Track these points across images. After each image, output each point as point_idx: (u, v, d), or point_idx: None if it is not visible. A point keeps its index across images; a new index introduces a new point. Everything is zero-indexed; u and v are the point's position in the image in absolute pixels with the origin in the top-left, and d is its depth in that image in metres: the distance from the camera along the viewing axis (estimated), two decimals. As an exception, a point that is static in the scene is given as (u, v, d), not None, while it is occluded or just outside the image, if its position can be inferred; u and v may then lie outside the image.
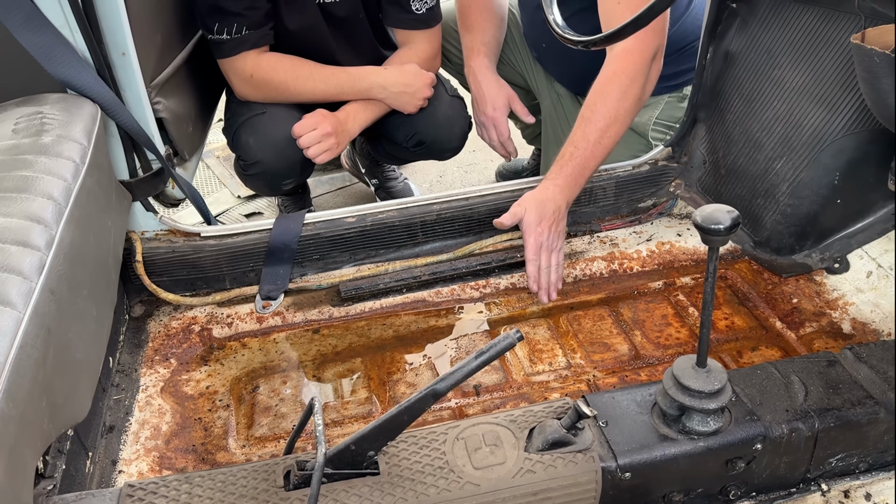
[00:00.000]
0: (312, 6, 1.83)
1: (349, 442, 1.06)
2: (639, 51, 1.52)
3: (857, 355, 1.22)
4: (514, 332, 1.03)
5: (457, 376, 1.05)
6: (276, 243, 1.69)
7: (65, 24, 1.39)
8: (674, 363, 1.10)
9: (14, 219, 1.08)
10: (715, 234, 0.95)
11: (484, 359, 1.04)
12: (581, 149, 1.54)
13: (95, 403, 1.34)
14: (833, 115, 1.49)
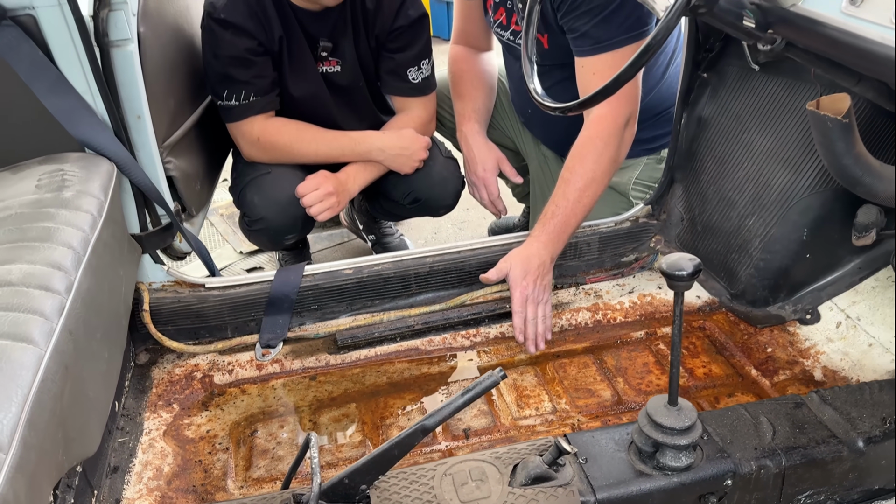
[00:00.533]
0: (316, 75, 1.96)
1: (343, 475, 1.13)
2: (612, 117, 1.65)
3: (822, 398, 1.30)
4: (497, 371, 1.11)
5: (444, 412, 1.12)
6: (276, 294, 1.78)
7: (87, 90, 1.52)
8: (647, 402, 1.18)
9: (37, 265, 1.17)
10: (678, 280, 1.05)
11: (470, 396, 1.12)
12: (562, 207, 1.65)
13: (101, 445, 1.41)
14: (798, 175, 1.61)
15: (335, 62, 1.97)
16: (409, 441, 1.12)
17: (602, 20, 1.61)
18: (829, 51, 1.11)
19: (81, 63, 1.49)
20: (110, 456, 1.47)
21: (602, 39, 1.62)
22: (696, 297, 1.83)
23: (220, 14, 1.81)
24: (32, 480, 0.92)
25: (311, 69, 1.95)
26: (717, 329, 1.75)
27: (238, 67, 1.85)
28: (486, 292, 1.85)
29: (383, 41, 1.95)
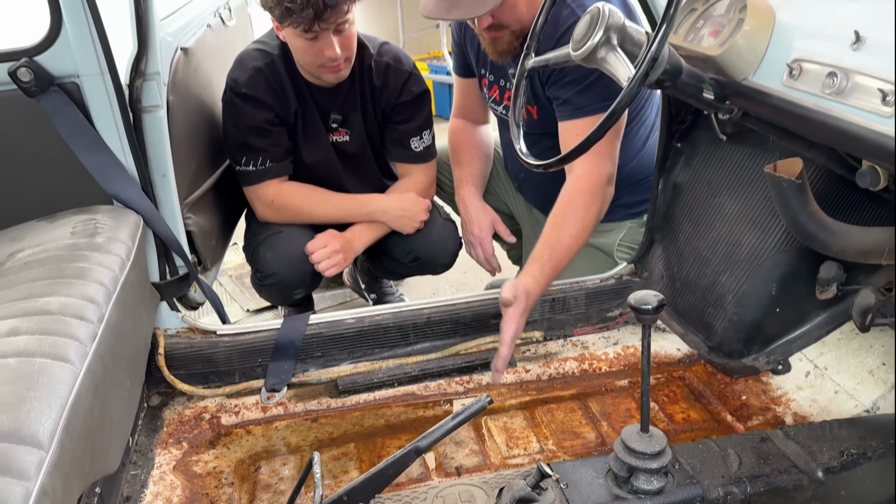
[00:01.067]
0: (327, 144, 2.15)
1: (342, 492, 1.23)
2: (595, 173, 1.81)
3: (786, 434, 1.41)
4: (484, 397, 1.23)
5: (436, 434, 1.24)
6: (282, 341, 1.90)
7: (120, 149, 1.69)
8: (622, 431, 1.29)
9: (73, 298, 1.31)
10: (644, 314, 1.18)
11: (460, 419, 1.23)
12: (556, 251, 1.79)
13: (116, 475, 1.51)
14: (765, 235, 1.75)
15: (344, 133, 2.15)
16: (404, 461, 1.23)
17: (582, 90, 1.80)
18: (776, 117, 1.28)
19: (116, 125, 1.67)
20: (123, 486, 1.56)
21: (581, 106, 1.80)
22: (676, 350, 1.95)
23: (243, 88, 2.00)
24: (65, 481, 1.03)
25: (323, 139, 2.13)
26: (695, 379, 1.87)
27: (257, 136, 2.03)
28: (480, 343, 1.97)
29: (389, 114, 2.14)
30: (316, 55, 1.90)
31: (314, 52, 1.89)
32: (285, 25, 1.85)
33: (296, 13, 1.78)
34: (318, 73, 1.97)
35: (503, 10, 1.72)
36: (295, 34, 1.86)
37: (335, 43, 1.87)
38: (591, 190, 1.83)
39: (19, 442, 0.98)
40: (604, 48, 1.28)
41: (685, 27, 1.44)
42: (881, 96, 1.02)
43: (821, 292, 1.70)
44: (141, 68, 1.68)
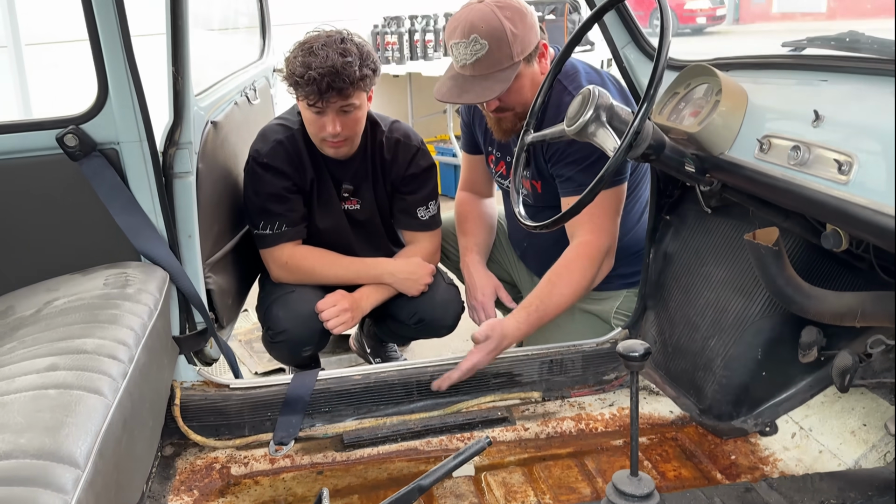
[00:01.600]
0: (339, 211, 2.30)
1: (348, 528, 1.31)
2: (595, 244, 1.95)
3: (769, 485, 1.49)
4: (483, 439, 1.33)
5: (438, 473, 1.33)
6: (292, 395, 1.99)
7: (151, 211, 1.83)
8: (613, 475, 1.37)
9: (107, 340, 1.42)
10: (632, 360, 1.28)
11: (461, 458, 1.33)
12: (545, 305, 1.95)
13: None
14: (750, 301, 1.87)
15: (356, 201, 2.31)
16: (407, 498, 1.32)
17: (583, 169, 1.95)
18: (750, 187, 1.42)
19: (150, 189, 1.82)
20: (137, 528, 1.63)
21: (583, 183, 1.94)
22: (669, 412, 2.03)
23: (264, 159, 2.17)
24: (97, 501, 1.12)
25: (336, 206, 2.29)
26: (687, 439, 1.94)
27: (275, 202, 2.18)
28: (481, 402, 2.06)
29: (397, 185, 2.30)
30: (319, 128, 2.08)
31: (318, 125, 2.07)
32: (297, 96, 2.03)
33: (302, 87, 1.97)
34: (319, 145, 2.15)
35: (509, 94, 1.90)
36: (304, 105, 2.05)
37: (336, 122, 2.05)
38: (589, 257, 1.96)
39: (59, 461, 1.08)
40: (594, 124, 1.44)
41: (668, 109, 1.60)
42: (837, 166, 1.16)
43: (803, 356, 1.80)
44: (175, 138, 1.84)
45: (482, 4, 1.89)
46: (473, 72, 1.89)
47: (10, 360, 1.35)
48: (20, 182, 1.75)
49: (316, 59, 1.97)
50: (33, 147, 1.73)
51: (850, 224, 1.14)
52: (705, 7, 15.57)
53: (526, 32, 1.88)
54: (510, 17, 1.85)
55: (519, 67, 1.88)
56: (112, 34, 1.62)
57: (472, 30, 1.86)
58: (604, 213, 1.97)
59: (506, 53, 1.86)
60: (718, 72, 1.49)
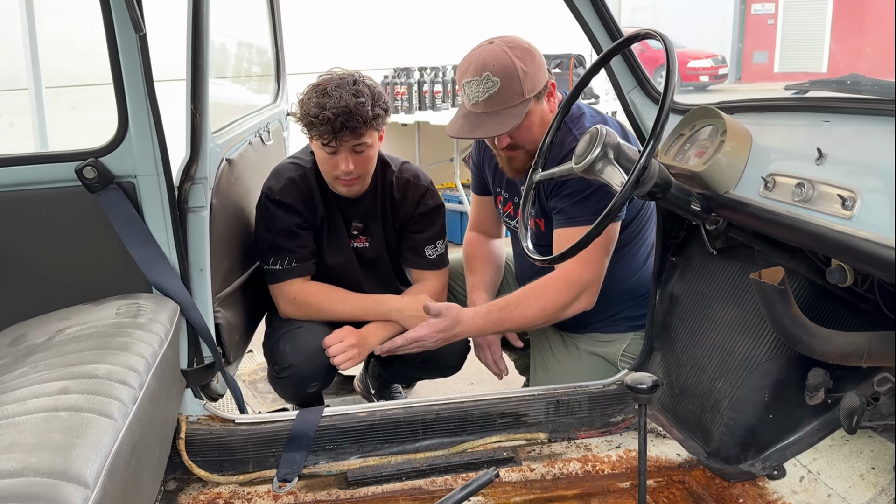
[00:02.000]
0: (349, 249, 2.33)
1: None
2: (578, 272, 2.01)
3: (778, 525, 1.47)
4: (491, 471, 1.33)
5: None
6: (296, 432, 1.99)
7: (165, 243, 1.86)
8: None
9: (118, 366, 1.43)
10: (640, 392, 1.29)
11: (469, 490, 1.33)
12: (510, 312, 2.03)
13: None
14: (757, 343, 1.87)
15: (365, 240, 2.34)
16: (413, 530, 1.31)
17: (576, 202, 2.00)
18: (755, 224, 1.44)
19: (165, 222, 1.85)
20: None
21: (574, 216, 1.99)
22: (676, 455, 2.01)
23: (276, 195, 2.21)
24: (104, 524, 1.11)
25: (345, 244, 2.32)
26: (695, 483, 1.92)
27: (285, 238, 2.21)
28: (486, 441, 2.05)
29: (406, 224, 2.34)
30: (332, 167, 2.12)
31: (331, 163, 2.11)
32: (311, 136, 2.08)
33: (317, 127, 2.03)
34: (332, 183, 2.19)
35: (520, 131, 1.95)
36: (317, 144, 2.10)
37: (349, 160, 2.09)
38: (567, 282, 2.02)
39: (69, 480, 1.08)
40: (601, 161, 1.47)
41: (674, 149, 1.64)
42: (841, 201, 1.19)
43: (810, 398, 1.79)
44: (191, 173, 1.88)
45: (493, 45, 1.96)
46: (486, 108, 1.94)
47: (23, 384, 1.36)
48: (38, 212, 1.79)
49: (330, 99, 2.03)
50: (53, 178, 1.77)
51: (854, 258, 1.16)
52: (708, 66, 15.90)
53: (535, 71, 1.94)
54: (520, 56, 1.92)
55: (530, 104, 1.94)
56: (134, 69, 1.67)
57: (485, 68, 1.92)
58: (595, 248, 1.98)
59: (517, 90, 1.91)
60: (723, 113, 1.53)
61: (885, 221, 1.12)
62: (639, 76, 1.85)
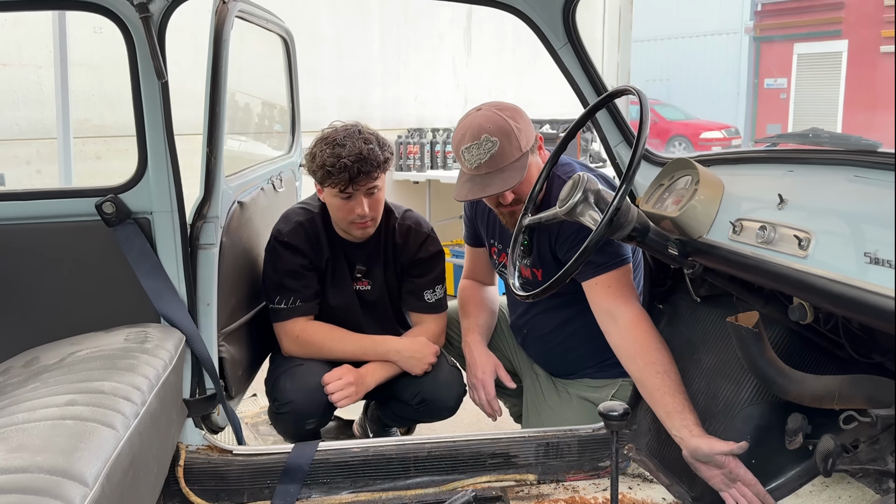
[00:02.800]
0: (351, 291, 2.43)
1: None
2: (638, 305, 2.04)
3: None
4: (469, 492, 1.39)
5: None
6: (291, 465, 2.05)
7: (175, 277, 1.97)
8: (594, 537, 1.41)
9: (122, 384, 1.52)
10: (611, 419, 1.36)
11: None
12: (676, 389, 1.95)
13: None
14: (739, 388, 1.93)
15: (367, 283, 2.44)
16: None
17: (599, 251, 2.04)
18: (725, 266, 1.53)
19: (176, 257, 1.97)
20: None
21: (602, 265, 2.05)
22: (662, 499, 2.05)
23: (284, 237, 2.33)
24: (100, 524, 1.19)
25: (348, 286, 2.42)
26: (679, 526, 1.96)
27: (291, 279, 2.32)
28: (476, 481, 2.09)
29: (407, 268, 2.44)
30: (348, 212, 2.24)
31: (347, 209, 2.23)
32: (325, 186, 2.20)
33: (335, 175, 2.14)
34: (348, 228, 2.30)
35: (522, 186, 2.03)
36: (332, 193, 2.21)
37: (365, 203, 2.21)
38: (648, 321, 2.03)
39: (70, 478, 1.16)
40: (582, 205, 1.58)
41: (654, 198, 1.74)
42: (797, 242, 1.28)
43: (789, 442, 1.83)
44: (203, 212, 2.01)
45: (482, 111, 2.07)
46: (489, 168, 2.03)
47: (33, 397, 1.46)
48: (59, 244, 1.91)
49: (343, 149, 2.16)
50: (74, 213, 1.90)
51: (810, 293, 1.24)
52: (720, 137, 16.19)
53: (526, 127, 2.06)
54: (510, 115, 2.04)
55: (528, 158, 2.04)
56: (155, 113, 1.82)
57: (481, 131, 2.03)
58: (628, 282, 2.07)
59: (515, 146, 2.02)
60: (697, 164, 1.64)
61: (838, 259, 1.20)
62: (624, 131, 1.97)
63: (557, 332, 2.35)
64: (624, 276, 2.06)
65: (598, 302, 2.07)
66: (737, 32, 19.62)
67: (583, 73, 1.93)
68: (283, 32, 2.81)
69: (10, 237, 1.87)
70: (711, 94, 19.14)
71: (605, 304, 2.04)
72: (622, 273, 2.05)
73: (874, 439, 1.86)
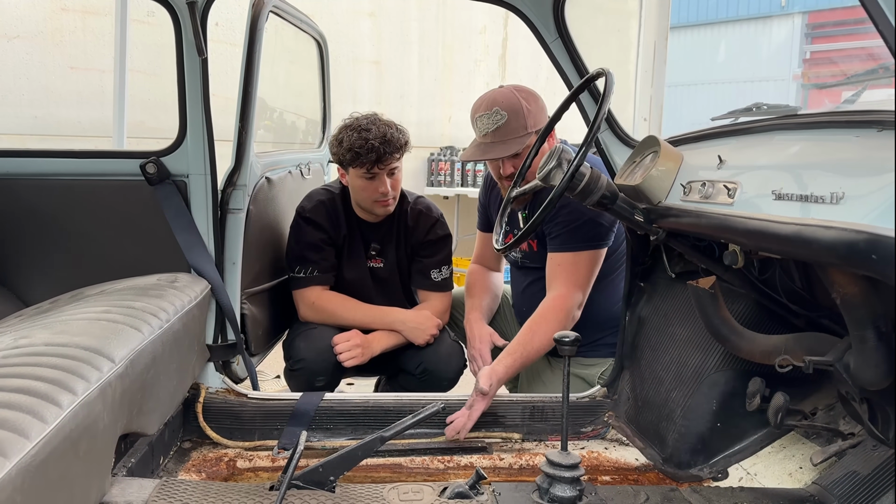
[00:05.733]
0: (364, 267, 2.67)
1: (318, 465, 1.57)
2: (569, 298, 2.25)
3: (693, 489, 1.67)
4: (438, 403, 1.60)
5: (397, 428, 1.60)
6: (299, 410, 2.27)
7: (206, 234, 2.23)
8: (546, 453, 1.60)
9: (151, 304, 1.78)
10: (563, 345, 1.56)
11: (418, 418, 1.61)
12: (527, 351, 2.25)
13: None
14: (707, 356, 2.09)
15: (380, 260, 2.68)
16: (370, 445, 1.58)
17: (570, 230, 2.29)
18: (677, 226, 1.72)
19: (207, 217, 2.23)
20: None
21: (566, 241, 2.29)
22: (635, 460, 2.21)
23: (307, 214, 2.59)
24: (120, 399, 1.43)
25: (362, 262, 2.66)
26: (647, 482, 2.11)
27: (311, 251, 2.57)
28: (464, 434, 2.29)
29: (417, 249, 2.67)
30: (373, 191, 2.48)
31: (371, 188, 2.48)
32: (353, 167, 2.45)
33: (363, 156, 2.40)
34: (371, 207, 2.54)
35: (520, 160, 2.28)
36: (358, 174, 2.46)
37: (387, 182, 2.47)
38: (563, 310, 2.28)
39: (100, 354, 1.41)
40: (555, 171, 1.80)
41: (626, 173, 1.95)
42: (727, 192, 1.48)
43: (749, 404, 1.99)
44: (233, 180, 2.28)
45: (502, 88, 2.37)
46: (494, 138, 2.30)
47: (76, 309, 1.72)
48: (105, 199, 2.20)
49: (370, 133, 2.42)
50: (121, 172, 2.19)
51: (733, 234, 1.44)
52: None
53: (538, 111, 2.32)
54: (525, 97, 2.31)
55: (532, 137, 2.28)
56: (195, 86, 2.11)
57: (494, 104, 2.30)
58: (579, 270, 2.29)
59: (521, 124, 2.28)
60: (662, 141, 1.85)
61: (753, 200, 1.40)
62: (608, 120, 2.18)
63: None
64: (582, 260, 2.30)
65: (548, 271, 2.35)
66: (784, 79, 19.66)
67: (573, 66, 2.16)
68: (317, 35, 3.12)
69: (65, 190, 2.17)
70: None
71: (550, 275, 2.33)
72: (582, 258, 2.29)
73: (830, 406, 2.02)
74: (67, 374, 1.29)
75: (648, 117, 6.53)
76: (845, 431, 1.86)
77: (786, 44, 18.37)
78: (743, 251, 1.56)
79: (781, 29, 18.15)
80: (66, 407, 1.20)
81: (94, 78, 4.28)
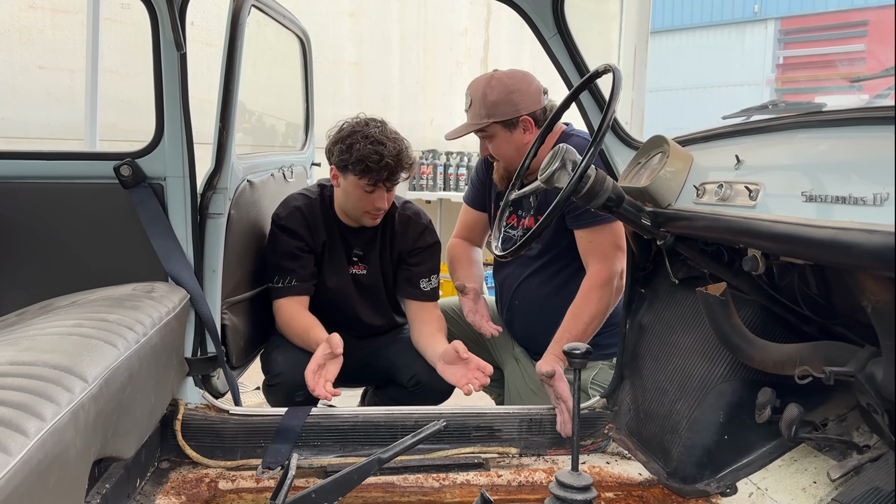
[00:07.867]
0: (347, 275, 2.55)
1: (311, 490, 1.46)
2: (606, 269, 2.28)
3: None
4: (440, 421, 1.49)
5: (396, 449, 1.48)
6: (284, 426, 2.15)
7: (184, 240, 2.11)
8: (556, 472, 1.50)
9: (127, 317, 1.65)
10: (574, 357, 1.46)
11: (418, 438, 1.49)
12: (574, 336, 2.23)
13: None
14: (713, 366, 2.01)
15: (363, 267, 2.56)
16: (367, 469, 1.47)
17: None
18: (689, 230, 1.63)
19: (186, 222, 2.10)
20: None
21: (595, 216, 2.26)
22: (638, 474, 2.12)
23: (282, 221, 2.47)
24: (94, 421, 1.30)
25: (344, 270, 2.54)
26: (652, 498, 2.02)
27: (288, 259, 2.45)
28: (460, 451, 2.17)
29: (404, 256, 2.56)
30: (368, 204, 2.38)
31: (368, 201, 2.37)
32: (359, 178, 2.31)
33: (374, 171, 2.28)
34: (361, 217, 2.43)
35: (493, 146, 2.37)
36: (358, 185, 2.34)
37: (385, 198, 2.36)
38: (602, 285, 2.30)
39: (71, 373, 1.28)
40: (559, 172, 1.70)
41: (631, 174, 1.86)
42: (748, 193, 1.39)
43: (758, 415, 1.91)
44: (214, 183, 2.15)
45: (489, 73, 2.44)
46: (467, 119, 2.43)
47: (45, 322, 1.58)
48: (78, 204, 2.06)
49: (385, 147, 2.30)
50: (93, 174, 2.05)
51: (755, 238, 1.35)
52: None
53: (504, 104, 2.33)
54: (494, 86, 2.35)
55: (492, 126, 2.35)
56: (173, 82, 1.98)
57: (469, 87, 2.43)
58: (608, 244, 2.32)
59: (478, 112, 2.36)
60: (670, 140, 1.76)
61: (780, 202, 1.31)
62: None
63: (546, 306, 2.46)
64: (603, 234, 2.31)
65: (581, 249, 2.37)
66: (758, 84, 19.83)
67: (571, 63, 2.07)
68: (299, 33, 3.00)
69: (34, 194, 2.03)
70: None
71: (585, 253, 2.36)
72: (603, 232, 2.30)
73: (842, 417, 1.94)
74: (35, 396, 1.16)
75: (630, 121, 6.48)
76: (860, 443, 1.78)
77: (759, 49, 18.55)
78: (764, 256, 1.47)
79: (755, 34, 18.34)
80: (33, 435, 1.07)
81: (63, 78, 4.10)
